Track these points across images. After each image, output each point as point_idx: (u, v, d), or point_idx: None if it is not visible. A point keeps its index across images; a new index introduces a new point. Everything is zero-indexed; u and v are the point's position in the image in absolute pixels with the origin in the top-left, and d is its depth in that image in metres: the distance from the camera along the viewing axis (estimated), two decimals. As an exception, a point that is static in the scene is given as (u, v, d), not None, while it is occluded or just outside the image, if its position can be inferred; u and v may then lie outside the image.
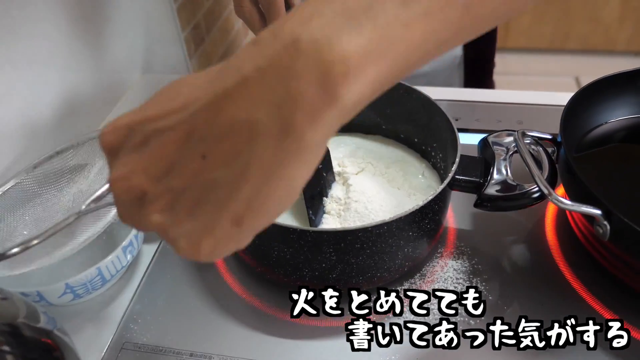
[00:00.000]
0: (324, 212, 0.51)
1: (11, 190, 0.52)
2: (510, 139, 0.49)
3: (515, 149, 0.48)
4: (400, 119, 0.57)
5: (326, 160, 0.53)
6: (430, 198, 0.42)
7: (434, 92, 0.55)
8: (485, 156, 0.49)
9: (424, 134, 0.55)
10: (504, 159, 0.47)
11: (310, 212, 0.50)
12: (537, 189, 0.44)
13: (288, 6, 0.50)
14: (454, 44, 0.25)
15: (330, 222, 0.50)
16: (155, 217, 0.24)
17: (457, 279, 0.49)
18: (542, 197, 0.45)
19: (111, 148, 0.25)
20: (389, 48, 0.22)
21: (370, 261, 0.44)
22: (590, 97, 0.53)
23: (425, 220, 0.45)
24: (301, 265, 0.44)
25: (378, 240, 0.42)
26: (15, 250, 0.37)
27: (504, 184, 0.46)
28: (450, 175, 0.45)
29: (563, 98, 0.53)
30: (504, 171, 0.46)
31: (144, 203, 0.24)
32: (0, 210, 0.50)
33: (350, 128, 0.60)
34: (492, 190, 0.46)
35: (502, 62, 0.90)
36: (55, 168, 0.53)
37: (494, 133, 0.50)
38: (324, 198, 0.52)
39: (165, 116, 0.23)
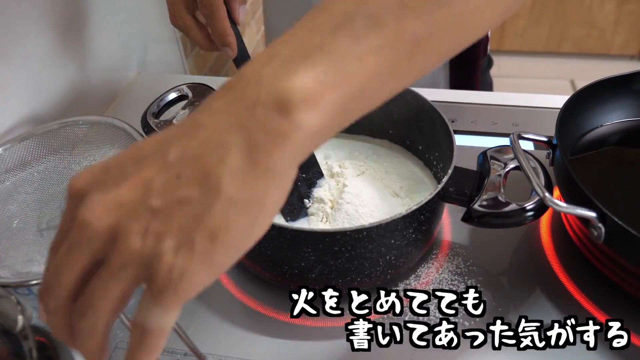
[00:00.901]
0: (307, 215, 0.50)
1: (27, 142, 0.53)
2: (510, 155, 0.48)
3: (512, 166, 0.47)
4: (406, 125, 0.56)
5: (309, 160, 0.52)
6: (414, 207, 0.42)
7: (432, 94, 0.55)
8: (482, 170, 0.48)
9: (428, 142, 0.55)
10: (499, 175, 0.46)
11: (289, 218, 0.50)
12: (529, 206, 0.44)
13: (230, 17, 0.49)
14: (413, 75, 0.28)
15: (316, 222, 0.50)
16: (135, 243, 0.23)
17: (452, 280, 0.49)
18: (533, 217, 0.44)
19: (80, 189, 0.25)
20: (344, 78, 0.25)
21: (350, 265, 0.43)
22: (586, 100, 0.53)
23: (409, 230, 0.44)
24: (281, 262, 0.45)
25: (357, 244, 0.42)
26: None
27: (494, 200, 0.44)
28: (440, 186, 0.44)
29: (559, 101, 0.53)
30: (496, 187, 0.45)
31: (117, 235, 0.24)
32: (12, 160, 0.52)
33: (357, 130, 0.60)
34: (481, 205, 0.44)
35: (498, 65, 0.90)
36: (76, 134, 0.55)
37: (494, 147, 0.49)
38: (305, 200, 0.51)
39: (141, 151, 0.25)
